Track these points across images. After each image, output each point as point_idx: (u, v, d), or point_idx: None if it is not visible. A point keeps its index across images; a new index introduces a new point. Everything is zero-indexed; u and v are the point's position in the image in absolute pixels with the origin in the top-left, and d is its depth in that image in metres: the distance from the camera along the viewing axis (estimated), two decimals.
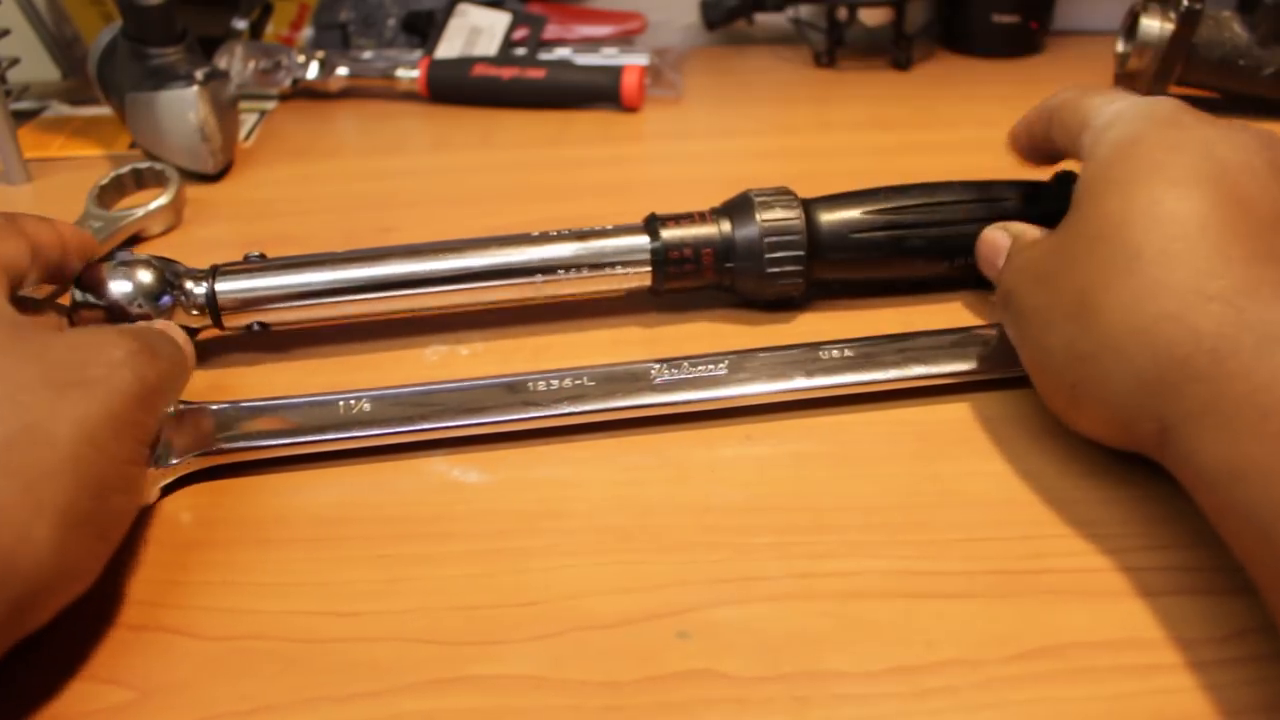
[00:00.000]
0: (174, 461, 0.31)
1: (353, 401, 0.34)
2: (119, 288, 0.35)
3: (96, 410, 0.25)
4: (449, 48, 0.71)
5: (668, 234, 0.38)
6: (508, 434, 0.33)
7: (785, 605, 0.27)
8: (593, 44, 0.74)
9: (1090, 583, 0.28)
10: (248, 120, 0.63)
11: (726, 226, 0.38)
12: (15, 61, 0.58)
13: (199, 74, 0.53)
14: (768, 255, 0.38)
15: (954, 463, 0.32)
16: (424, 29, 0.72)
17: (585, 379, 0.34)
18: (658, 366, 0.35)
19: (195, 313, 0.37)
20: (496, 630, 0.27)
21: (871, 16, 0.73)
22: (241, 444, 0.32)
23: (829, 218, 0.39)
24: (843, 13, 0.72)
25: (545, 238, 0.38)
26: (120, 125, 0.57)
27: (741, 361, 0.35)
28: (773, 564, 0.29)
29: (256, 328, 0.38)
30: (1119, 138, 0.31)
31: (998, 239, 0.36)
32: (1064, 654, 0.26)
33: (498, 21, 0.72)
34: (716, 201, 0.40)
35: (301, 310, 0.38)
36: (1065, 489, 0.31)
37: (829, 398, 0.35)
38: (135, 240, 0.49)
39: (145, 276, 0.36)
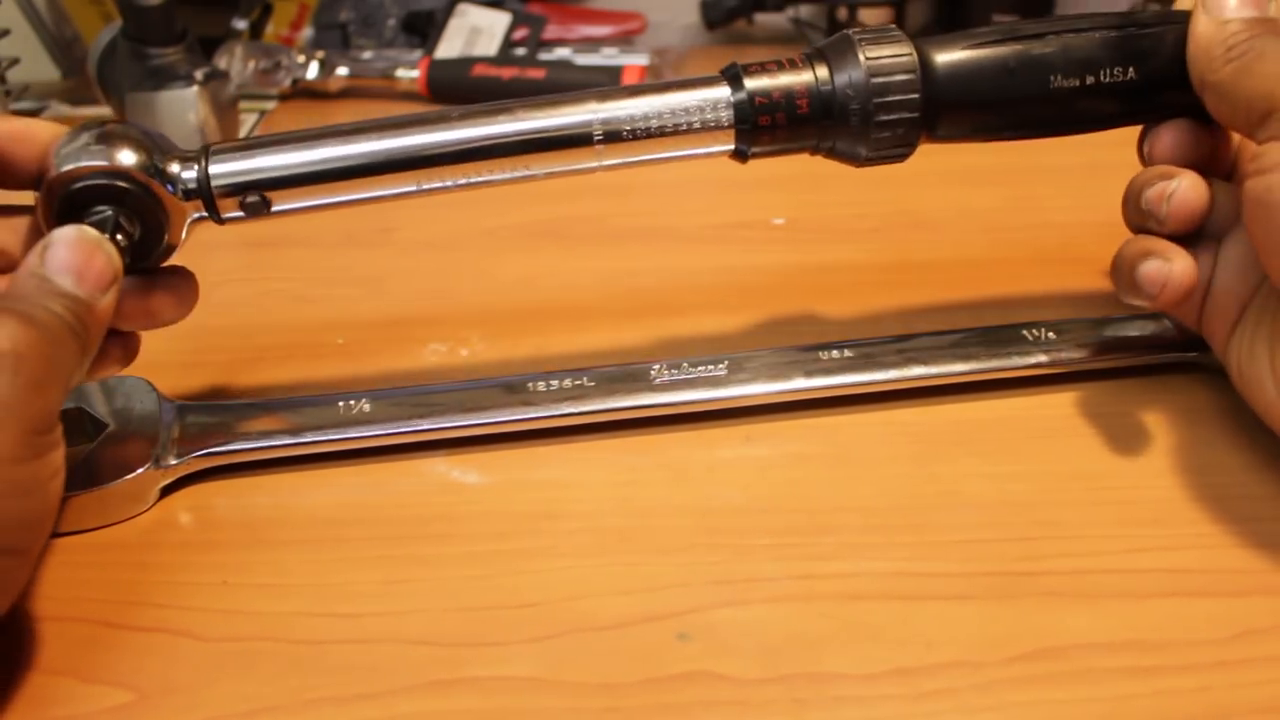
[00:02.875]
0: (174, 462, 0.31)
1: (353, 402, 0.34)
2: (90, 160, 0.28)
3: None
4: (449, 48, 0.71)
5: (753, 83, 0.31)
6: (507, 434, 0.33)
7: (785, 607, 0.27)
8: (593, 44, 0.74)
9: (1090, 584, 0.28)
10: (248, 120, 0.63)
11: (824, 72, 0.32)
12: (15, 61, 0.58)
13: (199, 74, 0.53)
14: (876, 108, 0.31)
15: (953, 464, 0.32)
16: (424, 29, 0.72)
17: (585, 379, 0.34)
18: (658, 367, 0.35)
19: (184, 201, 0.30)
20: (496, 632, 0.27)
21: (871, 16, 0.73)
22: (241, 444, 0.32)
23: (948, 58, 0.32)
24: (843, 13, 0.72)
25: (603, 93, 0.32)
26: None
27: (741, 362, 0.35)
28: (772, 565, 0.29)
29: (253, 200, 0.31)
30: None
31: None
32: (1064, 656, 0.26)
33: (498, 21, 0.72)
34: (716, 205, 0.40)
35: (316, 192, 0.31)
36: (1065, 490, 0.31)
37: (829, 398, 0.35)
38: None
39: (127, 156, 0.29)
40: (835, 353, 0.36)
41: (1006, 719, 0.24)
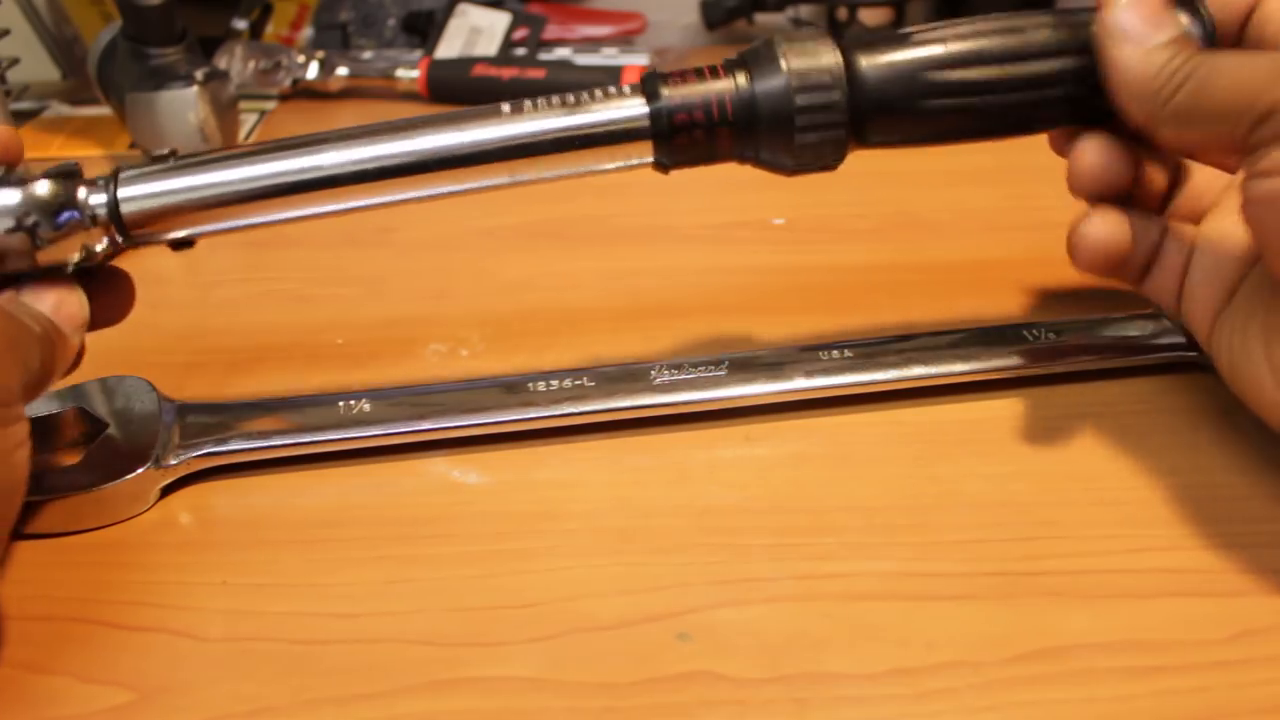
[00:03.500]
0: (174, 462, 0.31)
1: (352, 402, 0.33)
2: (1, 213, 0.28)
3: None
4: (449, 48, 0.71)
5: (670, 92, 0.30)
6: (507, 434, 0.33)
7: (785, 607, 0.27)
8: (593, 44, 0.74)
9: (1091, 584, 0.28)
10: (248, 120, 0.63)
11: (743, 80, 0.31)
12: (15, 61, 0.58)
13: (199, 74, 0.53)
14: (798, 116, 0.30)
15: (954, 464, 0.32)
16: (424, 29, 0.72)
17: (585, 379, 0.34)
18: (658, 367, 0.35)
19: (96, 228, 0.29)
20: (496, 632, 0.27)
21: (871, 16, 0.73)
22: (241, 444, 0.32)
23: (875, 63, 0.31)
24: (843, 13, 0.72)
25: (517, 110, 0.31)
26: (120, 125, 0.57)
27: (741, 362, 0.35)
28: (772, 565, 0.29)
29: (176, 244, 0.31)
30: None
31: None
32: (1064, 656, 0.26)
33: (498, 21, 0.72)
34: (716, 205, 0.40)
35: (228, 215, 0.30)
36: (1065, 490, 0.31)
37: (829, 398, 0.35)
38: None
39: (40, 188, 0.29)
40: (835, 353, 0.36)
41: (1007, 719, 0.24)
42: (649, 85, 0.31)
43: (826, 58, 0.30)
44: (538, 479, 0.32)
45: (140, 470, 0.31)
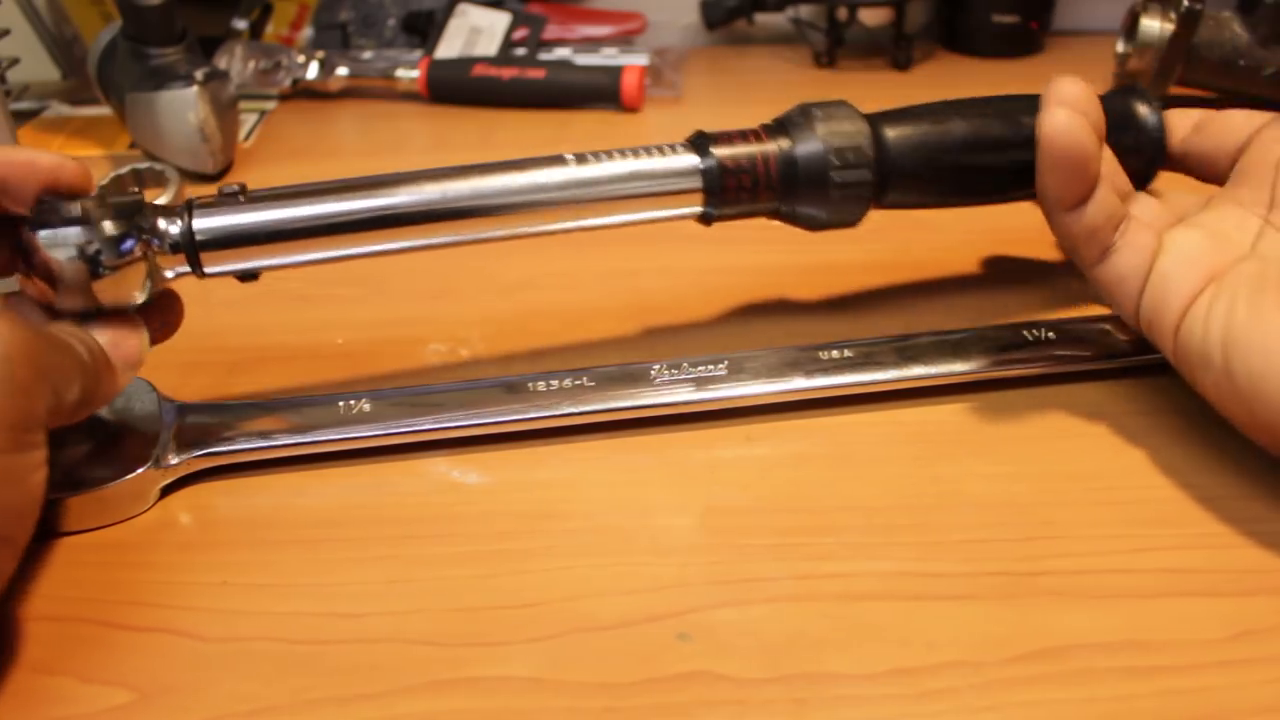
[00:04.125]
0: (174, 462, 0.31)
1: (353, 402, 0.34)
2: (63, 240, 0.28)
3: None
4: (449, 48, 0.71)
5: (720, 152, 0.34)
6: (508, 434, 0.33)
7: (785, 607, 0.27)
8: (593, 44, 0.74)
9: (1091, 584, 0.28)
10: (248, 120, 0.63)
11: (785, 143, 0.35)
12: (15, 61, 0.58)
13: (199, 74, 0.53)
14: (833, 174, 0.34)
15: (954, 464, 0.32)
16: (424, 29, 0.72)
17: (585, 379, 0.34)
18: (658, 367, 0.35)
19: (169, 255, 0.30)
20: (496, 632, 0.27)
21: (871, 16, 0.73)
22: (241, 444, 0.32)
23: (898, 133, 0.36)
24: (843, 13, 0.72)
25: (580, 159, 0.34)
26: (120, 125, 0.57)
27: (741, 362, 0.35)
28: (772, 565, 0.29)
29: (243, 276, 0.32)
30: None
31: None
32: (1064, 656, 0.26)
33: (498, 21, 0.72)
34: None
35: (300, 249, 0.32)
36: (1065, 490, 0.31)
37: (829, 398, 0.35)
38: None
39: (105, 223, 0.28)
40: (835, 352, 0.36)
41: (1007, 719, 0.24)
42: (699, 143, 0.35)
43: (859, 125, 0.35)
44: (538, 479, 0.32)
45: (140, 470, 0.31)
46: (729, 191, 0.34)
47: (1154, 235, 0.33)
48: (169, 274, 0.31)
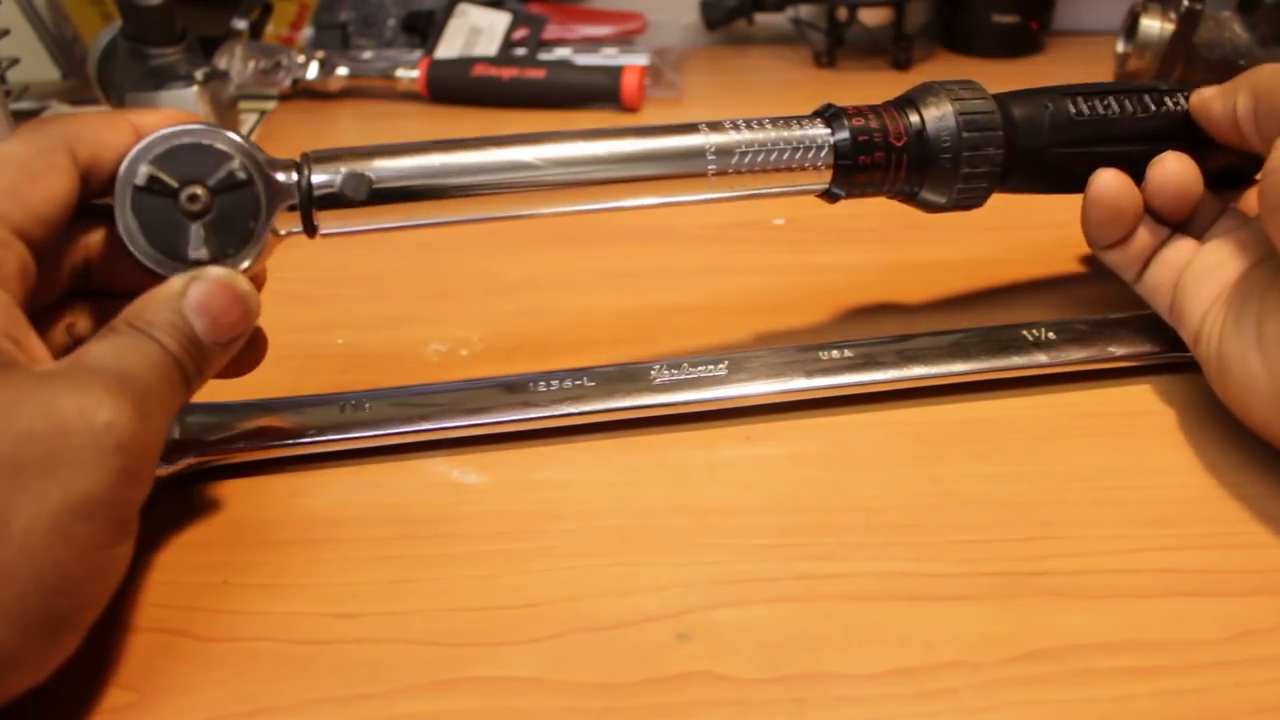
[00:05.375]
0: (174, 462, 0.31)
1: (352, 402, 0.34)
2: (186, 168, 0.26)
3: (62, 495, 0.21)
4: (449, 48, 0.71)
5: (855, 125, 0.33)
6: (508, 435, 0.33)
7: (785, 607, 0.27)
8: (593, 44, 0.74)
9: (1090, 584, 0.28)
10: (248, 120, 0.63)
11: (915, 118, 0.33)
12: (15, 61, 0.58)
13: (199, 74, 0.53)
14: (966, 153, 0.33)
15: (954, 464, 0.32)
16: (424, 29, 0.72)
17: (585, 379, 0.34)
18: (658, 367, 0.35)
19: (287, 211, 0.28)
20: (497, 632, 0.27)
21: (871, 16, 0.73)
22: (241, 444, 0.32)
23: (1025, 114, 0.35)
24: (843, 13, 0.72)
25: (714, 126, 0.32)
26: None
27: (741, 362, 0.35)
28: (772, 565, 0.29)
29: (352, 178, 0.29)
30: None
31: None
32: (1064, 656, 0.26)
33: (498, 21, 0.72)
34: (715, 207, 0.40)
35: (420, 211, 0.29)
36: (1065, 490, 0.31)
37: (829, 398, 0.35)
38: None
39: (236, 141, 0.27)
40: (835, 353, 0.36)
41: (1007, 719, 0.24)
42: (830, 115, 0.33)
43: (986, 101, 0.34)
44: (538, 479, 0.32)
45: None
46: (860, 169, 0.33)
47: (1190, 249, 0.35)
48: (282, 232, 0.28)
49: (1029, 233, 0.47)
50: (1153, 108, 0.36)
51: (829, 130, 0.33)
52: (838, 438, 0.34)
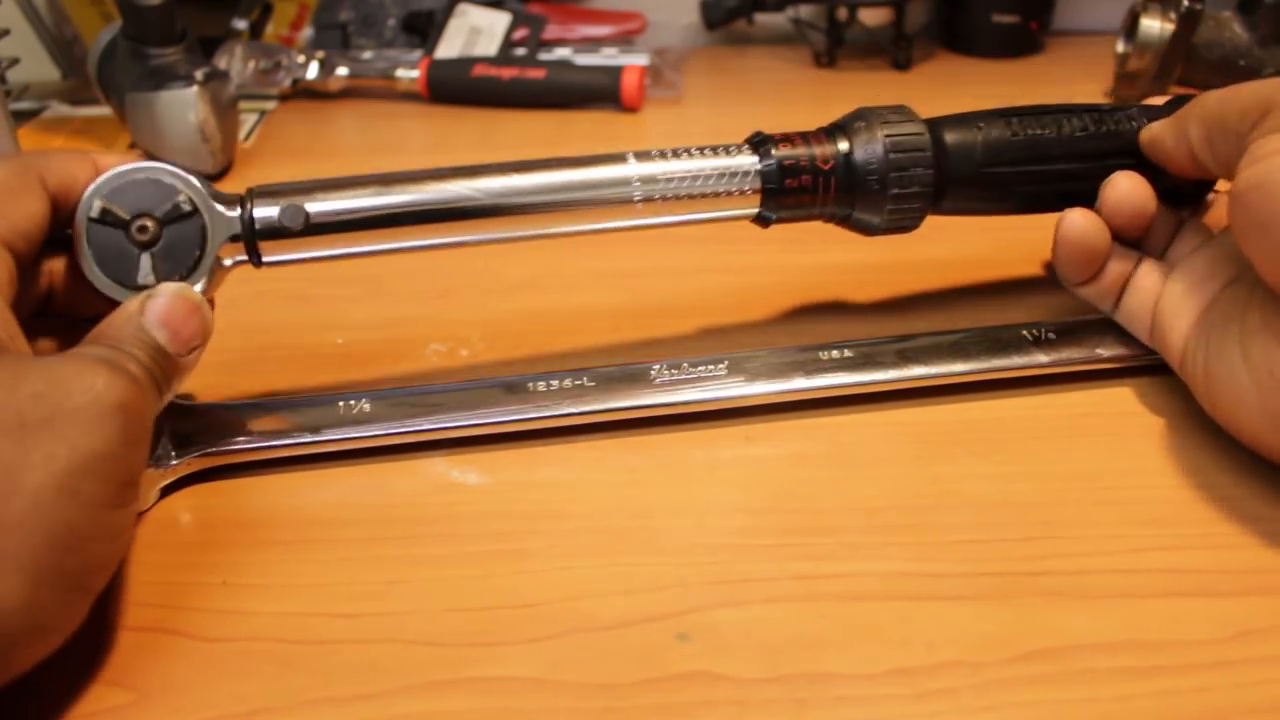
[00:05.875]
0: (174, 462, 0.31)
1: (353, 402, 0.34)
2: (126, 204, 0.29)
3: (69, 450, 0.23)
4: (449, 48, 0.71)
5: (780, 152, 0.34)
6: (507, 434, 0.33)
7: (785, 607, 0.27)
8: (593, 44, 0.74)
9: (1090, 584, 0.28)
10: (248, 120, 0.63)
11: (844, 145, 0.34)
12: (15, 61, 0.58)
13: (199, 74, 0.53)
14: (893, 175, 0.34)
15: (953, 464, 0.32)
16: (424, 29, 0.72)
17: (585, 379, 0.34)
18: (658, 367, 0.35)
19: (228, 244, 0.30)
20: (496, 632, 0.27)
21: (871, 16, 0.73)
22: (241, 444, 0.32)
23: (958, 139, 0.35)
24: (843, 13, 0.72)
25: (641, 156, 0.33)
26: (120, 125, 0.57)
27: (741, 362, 0.35)
28: (772, 565, 0.29)
29: (289, 209, 0.31)
30: None
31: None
32: (1063, 656, 0.26)
33: (498, 21, 0.72)
34: None
35: (358, 240, 0.31)
36: (1065, 490, 0.31)
37: (829, 398, 0.35)
38: None
39: (185, 176, 0.30)
40: (835, 353, 0.36)
41: (1007, 719, 0.24)
42: (759, 143, 0.34)
43: (919, 129, 0.35)
44: (537, 479, 0.32)
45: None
46: (787, 193, 0.34)
47: (1160, 277, 0.35)
48: (227, 262, 0.31)
49: (1029, 232, 0.47)
50: (1092, 128, 0.36)
51: (756, 157, 0.34)
52: (837, 438, 0.34)
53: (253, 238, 0.30)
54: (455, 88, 0.66)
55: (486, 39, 0.71)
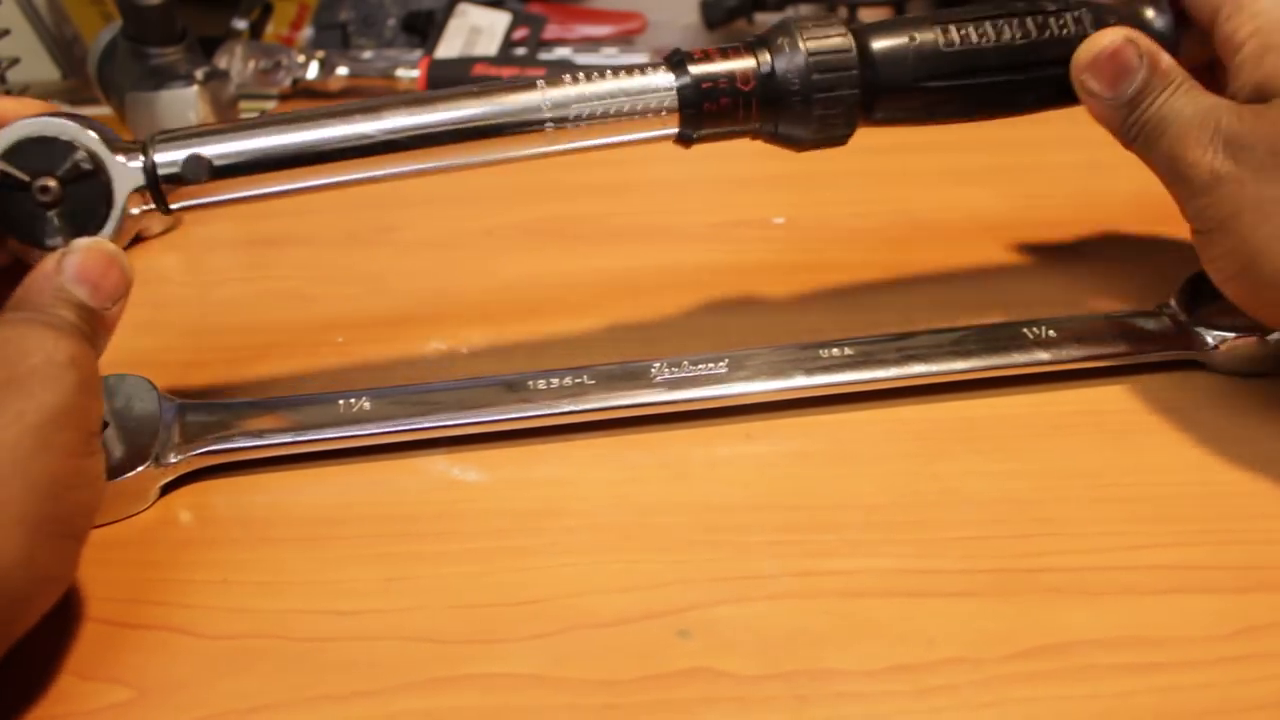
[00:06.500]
0: (174, 460, 0.31)
1: (352, 400, 0.33)
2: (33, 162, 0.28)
3: (36, 406, 0.24)
4: (449, 48, 0.71)
5: (697, 69, 0.33)
6: (507, 432, 0.33)
7: (785, 604, 0.27)
8: (593, 44, 0.74)
9: (1091, 581, 0.28)
10: None
11: (765, 58, 0.33)
12: (15, 61, 0.58)
13: (199, 74, 0.53)
14: (817, 93, 0.33)
15: (954, 461, 0.32)
16: (424, 29, 0.72)
17: (585, 377, 0.34)
18: (658, 365, 0.35)
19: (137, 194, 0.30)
20: (496, 629, 0.27)
21: (871, 16, 0.73)
22: (241, 443, 0.32)
23: (885, 45, 0.34)
24: (843, 13, 0.72)
25: (552, 81, 0.33)
26: (120, 125, 0.57)
27: (741, 360, 0.35)
28: (773, 562, 0.29)
29: (199, 173, 0.30)
30: None
31: (1128, 58, 0.32)
32: (1065, 652, 0.26)
33: (498, 21, 0.72)
34: (716, 204, 0.40)
35: (265, 181, 0.31)
36: (1066, 487, 0.31)
37: (829, 396, 0.35)
38: (136, 240, 0.49)
39: (87, 130, 0.29)
40: (836, 351, 0.36)
41: (1008, 715, 0.24)
42: (675, 61, 0.33)
43: (840, 38, 0.33)
44: (538, 477, 0.32)
45: (140, 469, 0.31)
46: (706, 112, 0.33)
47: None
48: (134, 211, 0.30)
49: (1029, 232, 0.47)
50: (1034, 33, 0.34)
51: (672, 75, 0.33)
52: (838, 435, 0.34)
53: (157, 186, 0.30)
54: None
55: (486, 39, 0.72)
